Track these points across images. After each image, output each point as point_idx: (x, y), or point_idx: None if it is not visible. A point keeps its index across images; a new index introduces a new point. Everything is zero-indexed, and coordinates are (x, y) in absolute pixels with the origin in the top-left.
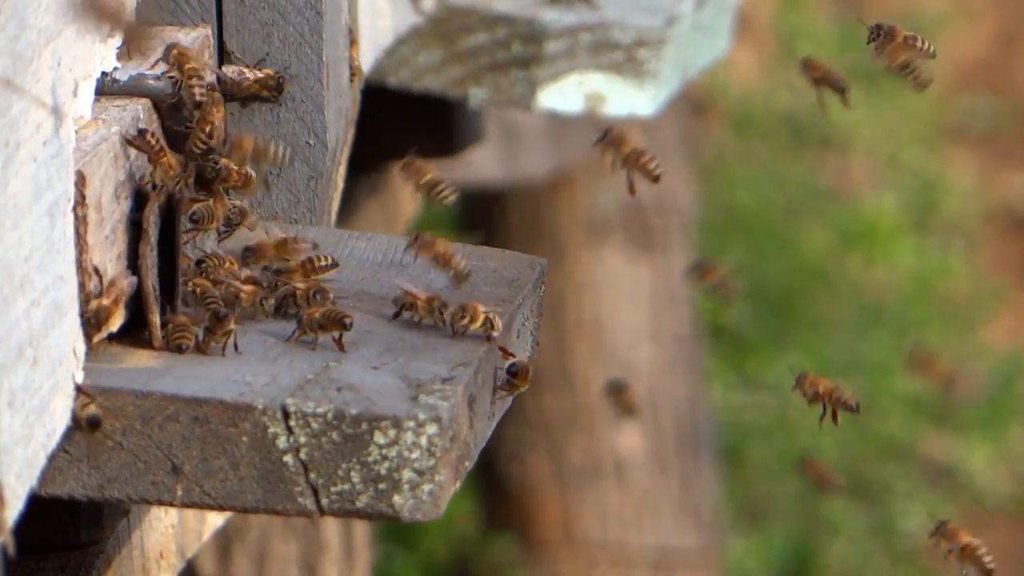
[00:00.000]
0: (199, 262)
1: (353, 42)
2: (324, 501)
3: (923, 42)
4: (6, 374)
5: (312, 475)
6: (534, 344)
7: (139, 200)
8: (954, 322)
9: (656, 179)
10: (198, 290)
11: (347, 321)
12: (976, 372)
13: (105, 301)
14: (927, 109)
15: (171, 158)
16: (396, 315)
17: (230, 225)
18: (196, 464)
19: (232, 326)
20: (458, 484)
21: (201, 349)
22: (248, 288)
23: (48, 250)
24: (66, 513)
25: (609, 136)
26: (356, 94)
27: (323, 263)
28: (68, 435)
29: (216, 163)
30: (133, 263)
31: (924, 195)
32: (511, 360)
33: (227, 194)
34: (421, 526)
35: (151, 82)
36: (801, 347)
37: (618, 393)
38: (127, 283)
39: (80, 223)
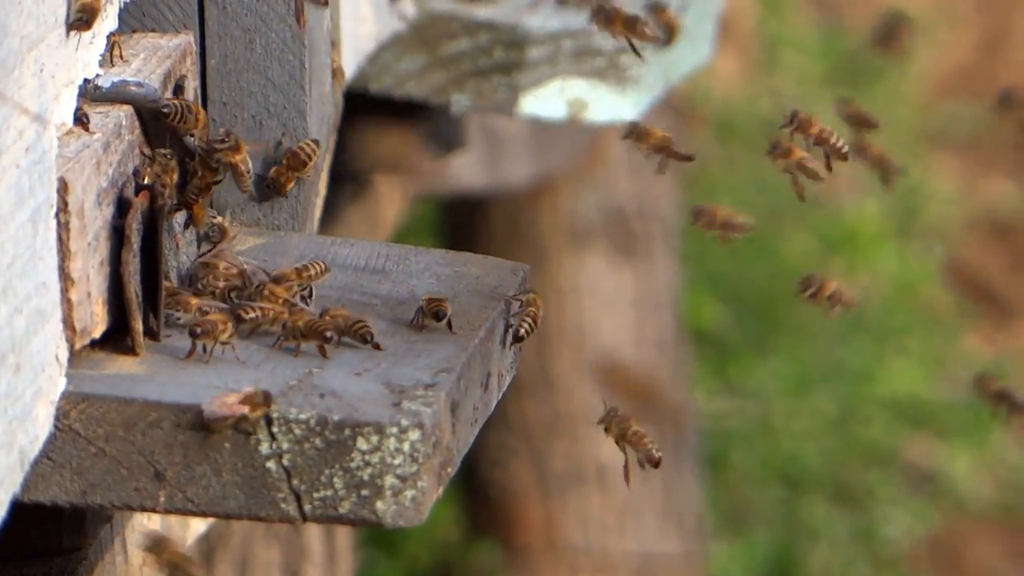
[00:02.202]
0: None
1: (333, 44)
2: (307, 507)
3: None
4: None
5: (295, 481)
6: (516, 350)
7: (121, 207)
8: (936, 328)
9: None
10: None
11: (328, 335)
12: (958, 378)
13: None
14: (909, 115)
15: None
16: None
17: (209, 241)
18: (179, 470)
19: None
20: (441, 490)
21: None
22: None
23: (31, 257)
24: (49, 519)
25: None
26: (338, 99)
27: (316, 269)
28: (51, 441)
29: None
30: (116, 270)
31: (906, 201)
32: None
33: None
34: (404, 532)
35: (134, 89)
36: (783, 353)
37: None
38: None
39: (63, 230)
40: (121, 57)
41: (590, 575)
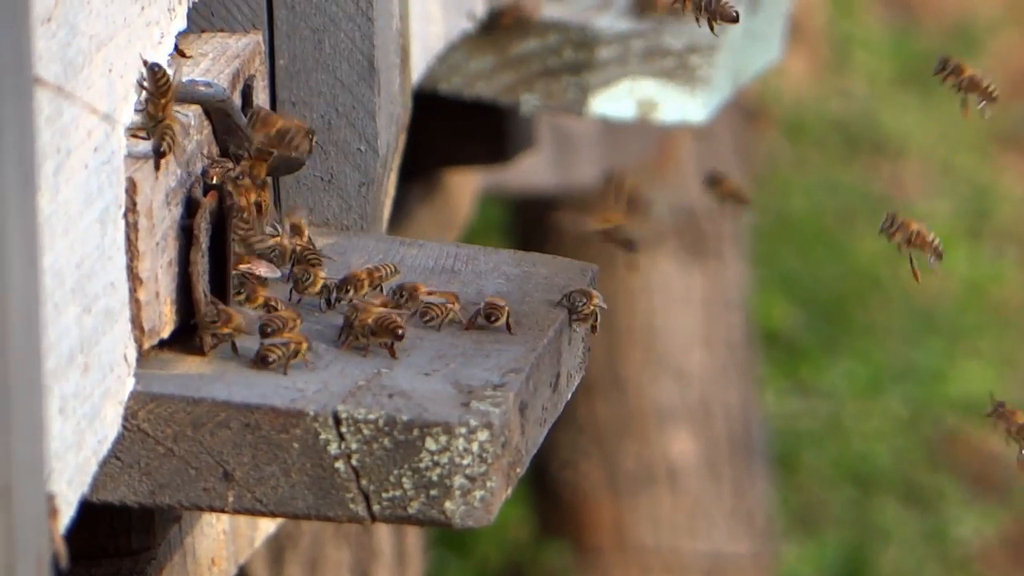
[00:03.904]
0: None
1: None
2: (376, 507)
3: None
4: (57, 380)
5: (363, 481)
6: (585, 351)
7: (190, 207)
8: (1007, 329)
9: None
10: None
11: (399, 331)
12: None
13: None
14: (979, 115)
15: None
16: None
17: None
18: (247, 470)
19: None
20: (510, 490)
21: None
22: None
23: (99, 257)
24: (118, 519)
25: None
26: (407, 99)
27: (388, 271)
28: (119, 441)
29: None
30: (184, 270)
31: (977, 202)
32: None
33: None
34: (474, 532)
35: (202, 89)
36: (854, 353)
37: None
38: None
39: (131, 230)
40: (183, 54)
41: (660, 575)
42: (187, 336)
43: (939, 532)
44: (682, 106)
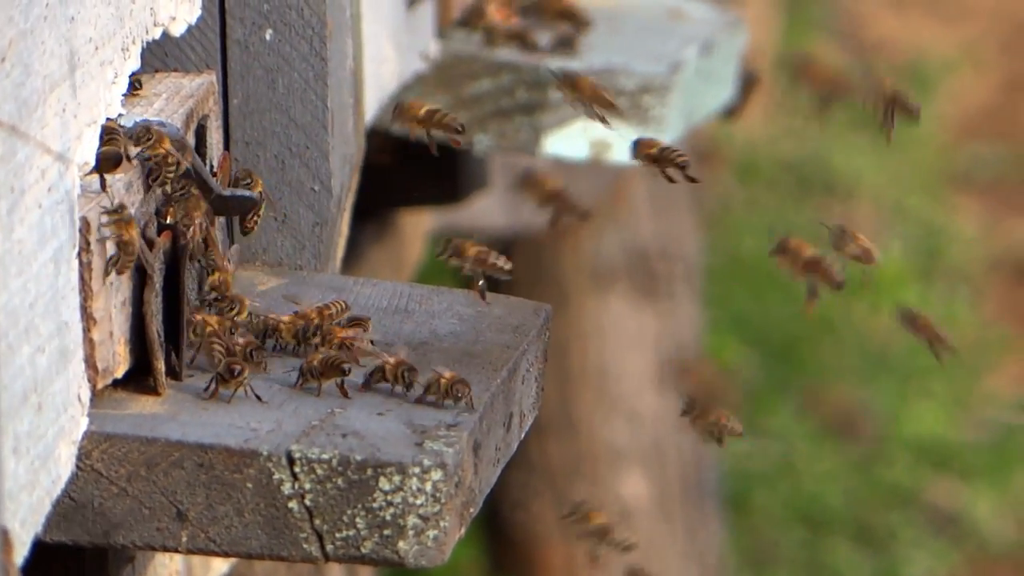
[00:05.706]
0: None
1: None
2: (329, 547)
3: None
4: (11, 420)
5: (317, 521)
6: (538, 391)
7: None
8: (959, 370)
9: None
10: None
11: (345, 367)
12: (981, 419)
13: None
14: (932, 156)
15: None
16: (367, 384)
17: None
18: (201, 510)
19: (246, 376)
20: (463, 530)
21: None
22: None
23: (53, 296)
24: (71, 559)
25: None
26: (361, 140)
27: (337, 308)
28: (73, 481)
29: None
30: (138, 309)
31: (929, 242)
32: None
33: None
34: (427, 572)
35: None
36: (806, 394)
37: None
38: None
39: (85, 269)
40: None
41: None
42: (141, 375)
43: (890, 573)
44: None
